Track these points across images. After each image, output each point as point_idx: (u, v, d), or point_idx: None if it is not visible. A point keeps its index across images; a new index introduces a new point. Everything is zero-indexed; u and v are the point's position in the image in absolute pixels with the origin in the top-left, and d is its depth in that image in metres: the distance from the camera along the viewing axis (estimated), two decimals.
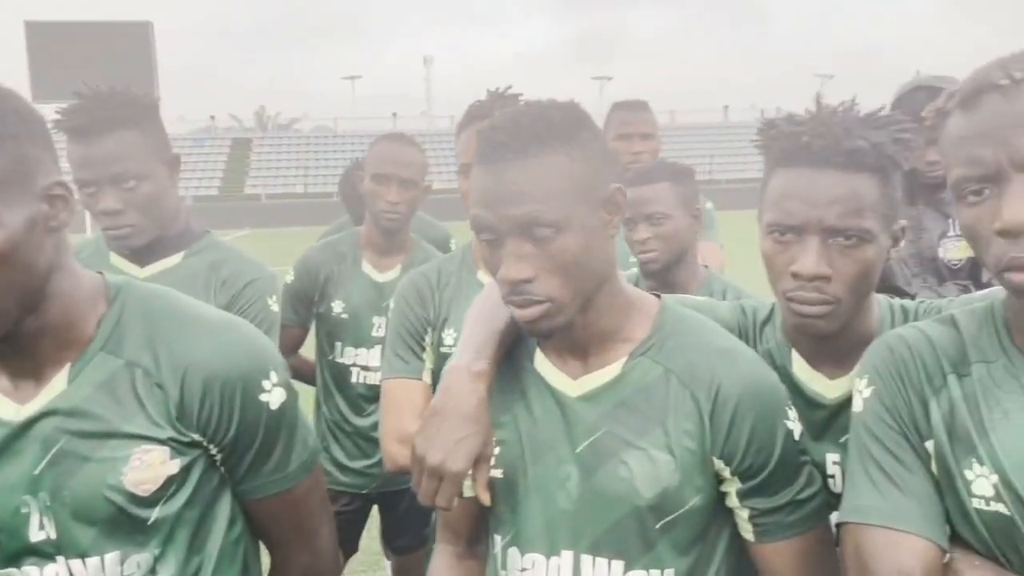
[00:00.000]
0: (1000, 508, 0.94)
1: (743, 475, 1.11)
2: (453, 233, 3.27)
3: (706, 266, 2.44)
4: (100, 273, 1.15)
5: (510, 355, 1.23)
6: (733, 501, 1.13)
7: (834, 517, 1.11)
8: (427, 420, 1.15)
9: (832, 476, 1.22)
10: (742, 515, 1.13)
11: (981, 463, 0.95)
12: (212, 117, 51.25)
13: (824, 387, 1.24)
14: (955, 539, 0.99)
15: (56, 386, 1.06)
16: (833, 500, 1.16)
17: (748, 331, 1.33)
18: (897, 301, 1.29)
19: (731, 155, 41.58)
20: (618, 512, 1.11)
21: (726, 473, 1.12)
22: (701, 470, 1.11)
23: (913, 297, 2.23)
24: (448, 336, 1.76)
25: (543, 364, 1.20)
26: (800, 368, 1.26)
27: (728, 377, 1.11)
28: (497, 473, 1.18)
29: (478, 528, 1.29)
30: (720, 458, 1.11)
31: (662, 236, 2.01)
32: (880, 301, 1.28)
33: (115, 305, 1.11)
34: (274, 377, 1.14)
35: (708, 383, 1.11)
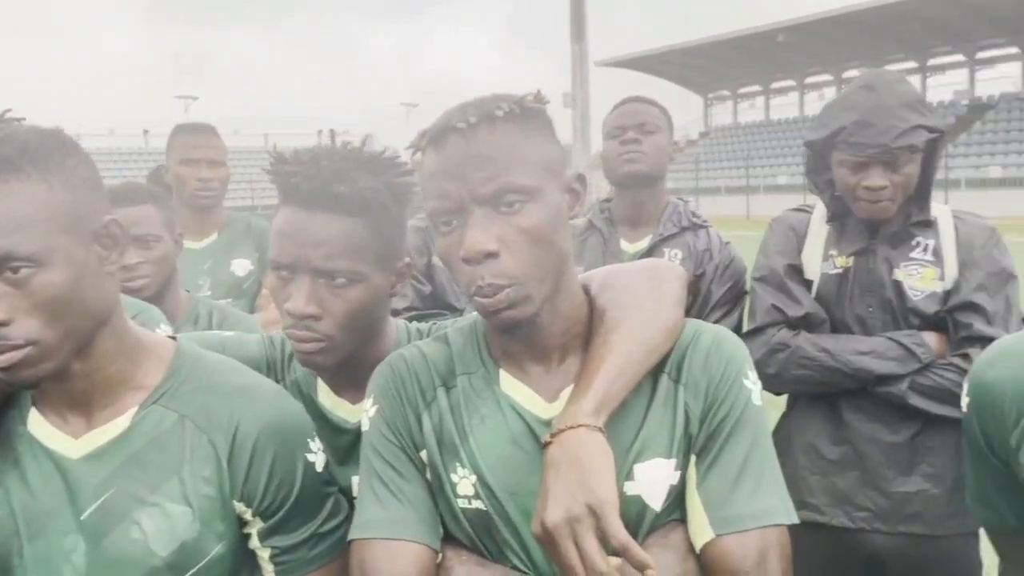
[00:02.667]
0: (479, 505, 1.06)
1: (264, 514, 1.11)
2: None
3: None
4: None
5: None
6: (255, 542, 1.13)
7: None
8: None
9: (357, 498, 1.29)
10: (263, 555, 1.13)
11: (463, 466, 1.07)
12: None
13: (347, 412, 1.29)
14: (449, 538, 1.10)
15: None
16: None
17: (277, 363, 1.35)
18: (415, 325, 1.39)
19: None
20: None
21: (247, 515, 1.11)
22: (222, 516, 1.08)
23: (462, 312, 2.46)
24: None
25: (39, 426, 1.09)
26: (325, 396, 1.31)
27: (246, 415, 1.10)
28: None
29: None
30: (241, 500, 1.10)
31: (153, 260, 1.97)
32: (399, 325, 1.36)
33: None
34: None
35: (226, 424, 1.09)
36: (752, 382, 1.08)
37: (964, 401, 1.12)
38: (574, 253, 2.34)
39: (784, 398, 2.12)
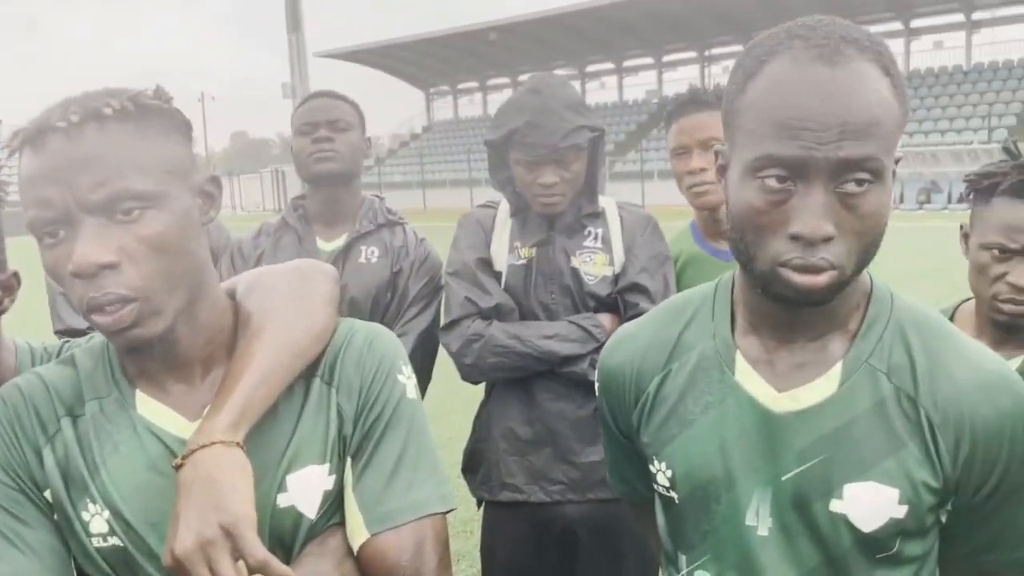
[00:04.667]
0: (115, 541, 0.97)
1: None
2: None
3: None
4: None
5: None
6: None
7: None
8: None
9: None
10: None
11: (94, 502, 0.97)
12: None
13: None
14: None
15: None
16: None
17: None
18: (41, 345, 1.23)
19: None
20: None
21: None
22: None
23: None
24: None
25: None
26: None
27: None
28: None
29: None
30: None
31: None
32: (18, 346, 1.21)
33: None
34: None
35: None
36: (406, 377, 1.08)
37: (596, 386, 1.20)
38: (268, 252, 2.27)
39: (483, 387, 2.20)
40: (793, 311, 0.99)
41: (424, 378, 2.23)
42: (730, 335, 1.06)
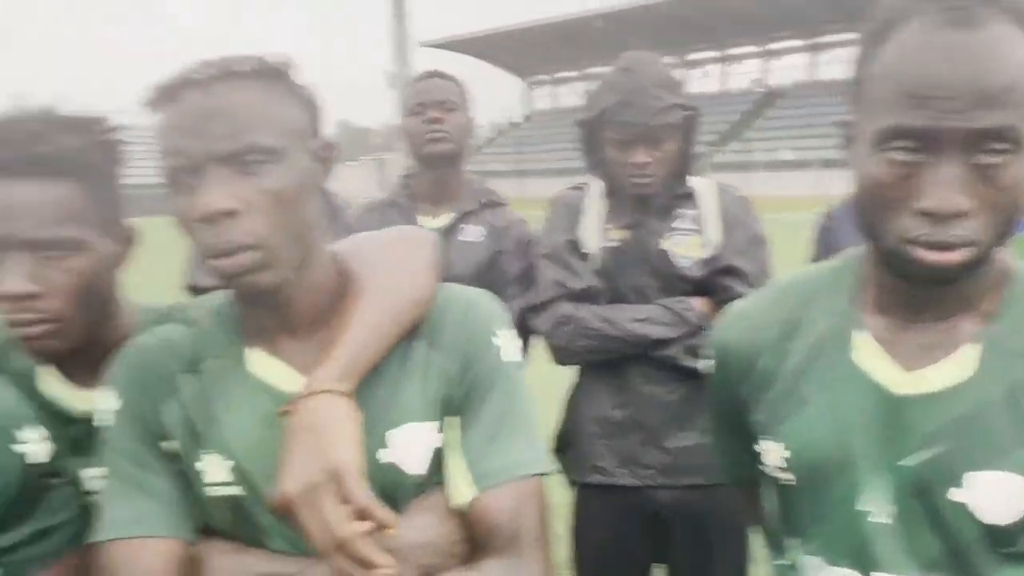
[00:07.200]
0: (233, 491, 1.01)
1: None
2: None
3: None
4: None
5: None
6: None
7: None
8: None
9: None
10: None
11: (214, 452, 1.02)
12: None
13: (79, 399, 1.20)
14: (206, 530, 1.04)
15: None
16: None
17: None
18: (155, 306, 1.30)
19: None
20: None
21: None
22: None
23: None
24: None
25: None
26: (48, 383, 1.21)
27: None
28: None
29: None
30: None
31: None
32: (136, 306, 1.27)
33: None
34: None
35: None
36: (502, 339, 1.09)
37: (712, 363, 1.17)
38: (374, 228, 2.32)
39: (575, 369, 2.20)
40: (922, 290, 0.95)
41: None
42: (854, 313, 1.03)
